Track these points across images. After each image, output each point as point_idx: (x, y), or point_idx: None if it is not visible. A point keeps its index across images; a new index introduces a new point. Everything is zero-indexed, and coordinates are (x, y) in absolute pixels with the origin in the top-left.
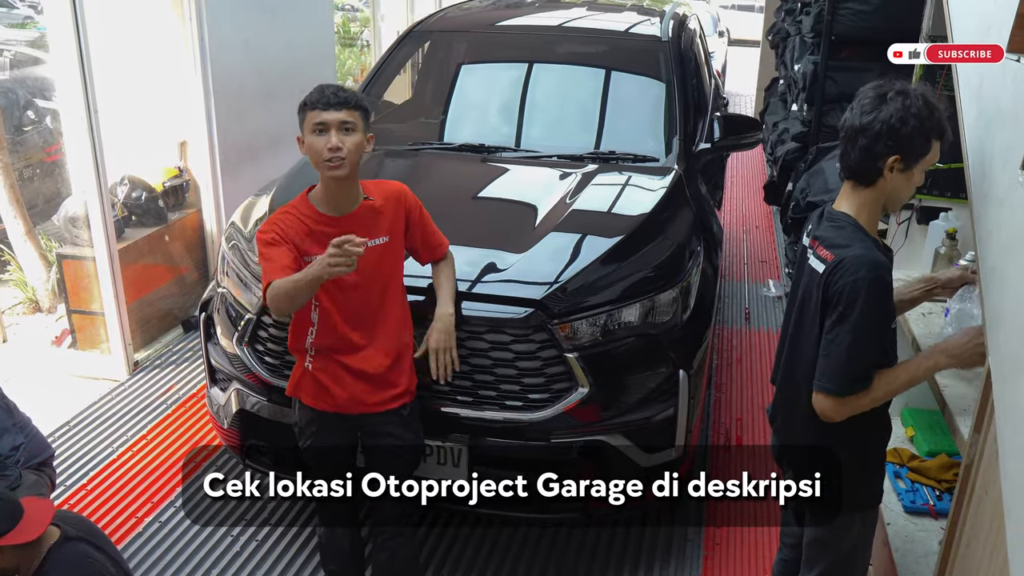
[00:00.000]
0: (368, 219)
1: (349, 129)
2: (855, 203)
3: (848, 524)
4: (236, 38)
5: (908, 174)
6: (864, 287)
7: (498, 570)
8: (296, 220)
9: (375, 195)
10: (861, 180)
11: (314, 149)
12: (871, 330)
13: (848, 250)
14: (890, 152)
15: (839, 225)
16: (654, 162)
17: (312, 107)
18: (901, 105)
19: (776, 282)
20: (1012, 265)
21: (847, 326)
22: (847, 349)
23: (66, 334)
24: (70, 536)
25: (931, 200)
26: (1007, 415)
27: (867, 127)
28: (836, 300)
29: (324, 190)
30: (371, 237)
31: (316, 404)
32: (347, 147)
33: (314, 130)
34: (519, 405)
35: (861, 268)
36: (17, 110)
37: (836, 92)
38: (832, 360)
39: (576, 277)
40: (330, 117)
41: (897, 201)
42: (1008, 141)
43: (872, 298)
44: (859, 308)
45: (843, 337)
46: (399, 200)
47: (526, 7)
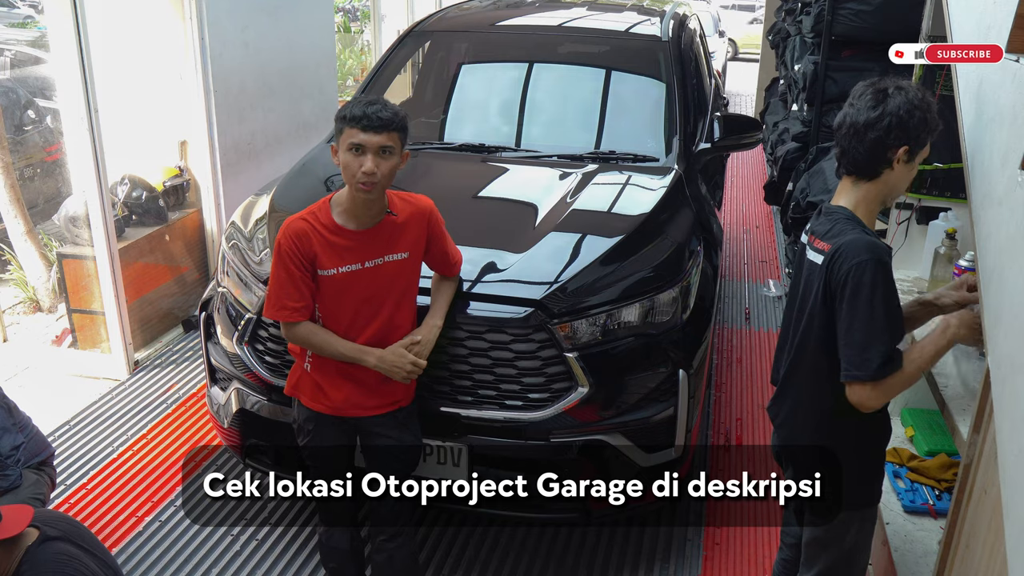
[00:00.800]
0: (388, 235)
1: (387, 153)
2: (854, 197)
3: (847, 523)
4: (237, 38)
5: (911, 165)
6: (868, 267)
7: (498, 570)
8: (313, 232)
9: (399, 210)
10: (865, 174)
11: (348, 168)
12: (884, 309)
13: (843, 237)
14: (899, 143)
15: (834, 218)
16: (654, 162)
17: (352, 124)
18: (905, 99)
19: (776, 282)
20: (1011, 265)
21: (859, 310)
22: (864, 331)
23: (66, 333)
24: (49, 536)
25: (931, 200)
26: (1006, 415)
27: (875, 122)
28: (842, 286)
29: (349, 203)
30: (388, 253)
31: (313, 405)
32: (381, 172)
33: (351, 148)
34: (519, 405)
35: (861, 251)
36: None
37: (836, 92)
38: (854, 347)
39: (576, 277)
40: (369, 140)
41: (897, 193)
42: (1007, 141)
43: (878, 277)
44: (867, 289)
45: (858, 322)
46: (423, 218)
47: (526, 7)
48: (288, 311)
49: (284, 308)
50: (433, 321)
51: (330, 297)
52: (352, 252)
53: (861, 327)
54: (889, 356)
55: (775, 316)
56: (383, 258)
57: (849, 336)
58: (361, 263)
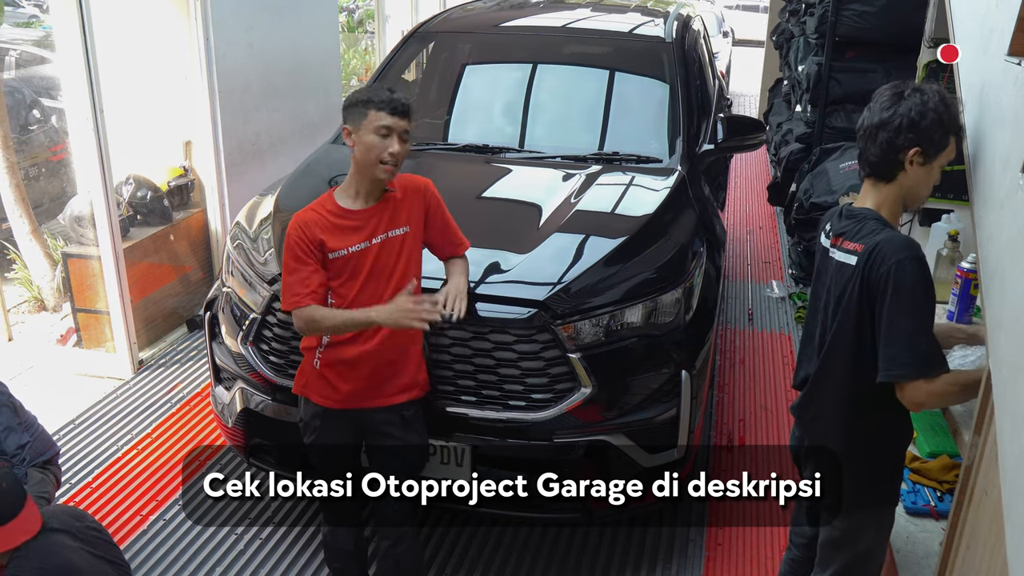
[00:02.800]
0: (388, 210)
1: (406, 138)
2: (876, 200)
3: (864, 524)
4: (241, 38)
5: (928, 168)
6: (908, 265)
7: (500, 570)
8: (320, 219)
9: (397, 187)
10: (882, 176)
11: (373, 149)
12: (926, 305)
13: (877, 235)
14: (910, 145)
15: (861, 218)
16: (658, 163)
17: (379, 108)
18: (919, 100)
19: (779, 283)
20: (1012, 268)
21: (902, 305)
22: (912, 326)
23: (71, 333)
24: (48, 527)
25: (933, 202)
26: (1006, 417)
27: (887, 122)
28: (883, 285)
29: (354, 185)
30: (391, 228)
31: (323, 401)
32: (400, 154)
33: (378, 132)
34: (522, 405)
35: (901, 249)
36: (23, 109)
37: (840, 93)
38: (898, 344)
39: (580, 278)
40: (397, 124)
41: (917, 197)
42: (1009, 144)
43: (919, 275)
44: (909, 286)
45: (902, 319)
46: (419, 193)
47: (530, 8)
48: (298, 297)
49: (294, 295)
50: (455, 279)
51: (342, 281)
52: (359, 231)
53: (904, 324)
54: (935, 352)
55: (778, 317)
56: (387, 233)
57: (891, 332)
58: (369, 240)
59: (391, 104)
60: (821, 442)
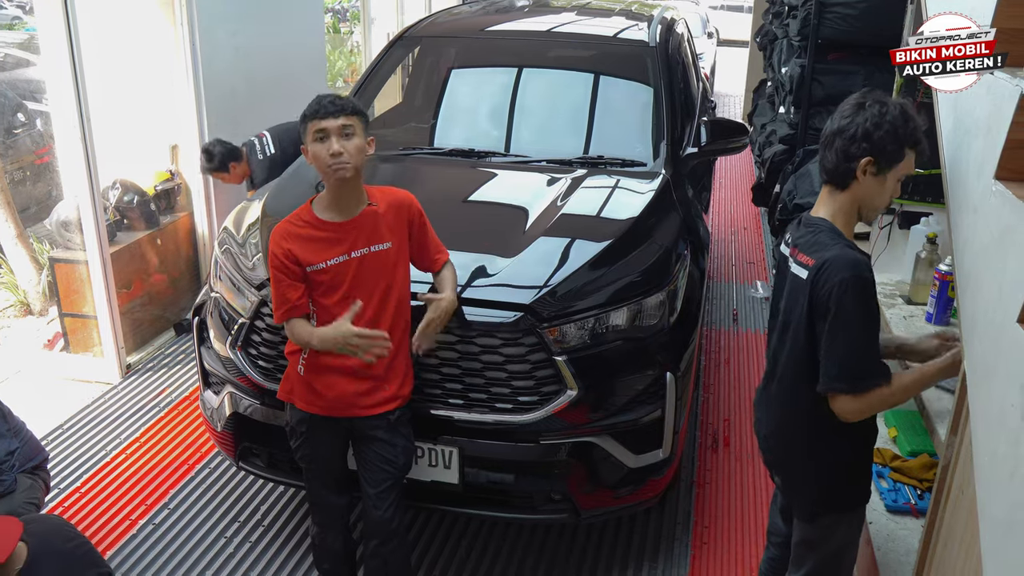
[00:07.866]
0: (370, 224)
1: (349, 134)
2: (831, 208)
3: (835, 524)
4: (227, 43)
5: (881, 179)
6: (851, 284)
7: (489, 571)
8: (298, 232)
9: (379, 201)
10: (837, 183)
11: (318, 157)
12: (865, 324)
13: (828, 251)
14: (863, 154)
15: (816, 230)
16: (642, 167)
17: (311, 117)
18: (878, 112)
19: (764, 283)
20: (985, 272)
21: (841, 323)
22: (847, 345)
23: (58, 337)
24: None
25: (912, 205)
26: (980, 417)
27: (844, 130)
28: (826, 302)
29: (329, 196)
30: (372, 243)
31: (307, 407)
32: (348, 150)
33: (316, 138)
34: (509, 407)
35: (845, 268)
36: (7, 112)
37: (823, 95)
38: (835, 360)
39: (565, 281)
40: (329, 124)
41: (872, 208)
42: (982, 151)
43: (862, 295)
44: (850, 305)
45: (841, 336)
46: (402, 207)
47: (515, 12)
48: (280, 311)
49: (277, 309)
50: (448, 295)
51: (322, 293)
52: (338, 244)
53: (842, 341)
54: (872, 369)
55: (763, 317)
56: (368, 248)
57: (830, 348)
58: (348, 253)
59: (318, 108)
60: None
